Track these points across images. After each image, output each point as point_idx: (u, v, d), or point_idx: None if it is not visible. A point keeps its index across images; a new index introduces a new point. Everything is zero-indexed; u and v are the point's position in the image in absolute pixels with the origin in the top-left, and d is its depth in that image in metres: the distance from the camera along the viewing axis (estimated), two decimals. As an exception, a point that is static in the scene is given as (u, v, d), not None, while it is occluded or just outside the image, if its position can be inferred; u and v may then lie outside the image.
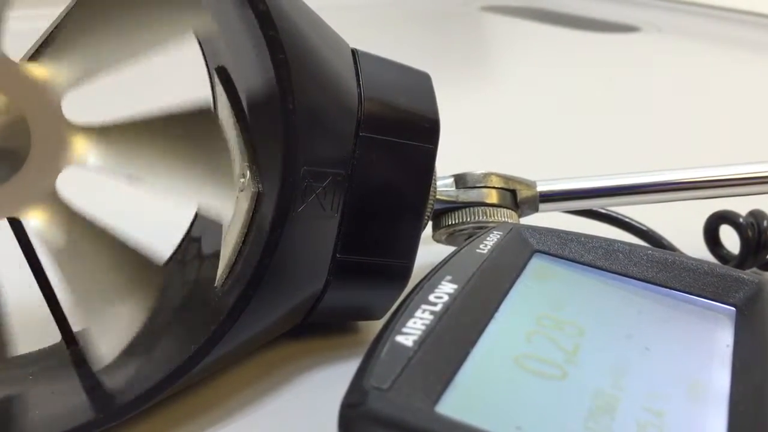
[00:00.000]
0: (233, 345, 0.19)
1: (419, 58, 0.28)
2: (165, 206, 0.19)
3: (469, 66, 0.70)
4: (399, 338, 0.14)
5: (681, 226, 0.29)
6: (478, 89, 0.60)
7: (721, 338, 0.17)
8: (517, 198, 0.26)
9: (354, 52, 0.21)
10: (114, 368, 0.19)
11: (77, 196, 0.19)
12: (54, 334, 0.20)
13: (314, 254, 0.20)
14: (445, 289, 0.16)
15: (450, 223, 0.25)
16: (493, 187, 0.25)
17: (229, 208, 0.19)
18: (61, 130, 0.17)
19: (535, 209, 0.26)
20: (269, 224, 0.18)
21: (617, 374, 0.15)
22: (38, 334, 0.20)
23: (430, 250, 0.26)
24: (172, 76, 0.31)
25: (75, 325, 0.20)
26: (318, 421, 0.19)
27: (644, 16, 0.99)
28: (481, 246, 0.19)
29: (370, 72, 0.21)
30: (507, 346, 0.16)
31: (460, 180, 0.26)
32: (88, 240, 0.18)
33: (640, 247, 0.20)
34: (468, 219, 0.25)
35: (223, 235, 0.20)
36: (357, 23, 0.76)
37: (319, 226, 0.19)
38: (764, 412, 0.14)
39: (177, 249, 0.23)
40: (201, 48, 0.22)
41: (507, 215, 0.25)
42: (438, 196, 0.25)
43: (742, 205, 0.28)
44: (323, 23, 0.20)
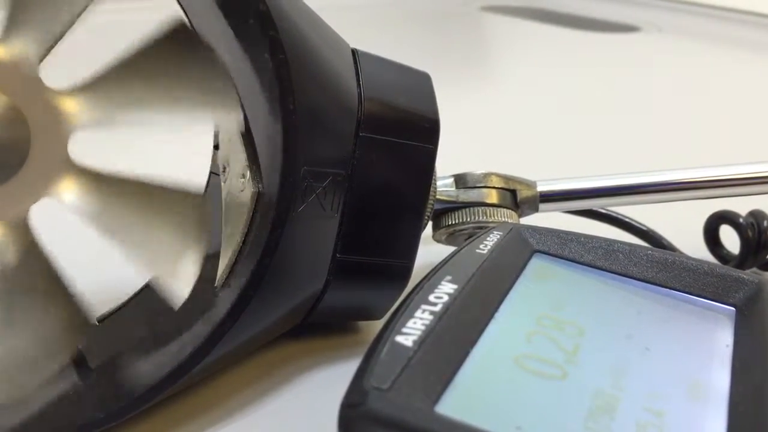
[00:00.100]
0: (233, 345, 0.19)
1: (419, 58, 0.28)
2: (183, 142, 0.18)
3: (469, 66, 0.70)
4: (399, 338, 0.14)
5: (681, 226, 0.29)
6: (478, 89, 0.60)
7: (721, 338, 0.17)
8: (517, 198, 0.26)
9: (354, 52, 0.21)
10: (114, 368, 0.19)
11: (95, 158, 0.18)
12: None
13: (314, 254, 0.20)
14: (445, 289, 0.16)
15: (450, 223, 0.25)
16: (493, 187, 0.25)
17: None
18: (49, 100, 0.16)
19: (535, 209, 0.26)
20: (269, 224, 0.18)
21: (617, 374, 0.15)
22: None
23: (430, 250, 0.26)
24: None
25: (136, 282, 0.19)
26: (318, 421, 0.19)
27: (644, 16, 0.99)
28: (481, 246, 0.19)
29: (370, 72, 0.21)
30: (507, 346, 0.16)
31: (460, 180, 0.26)
32: (123, 196, 0.17)
33: (640, 247, 0.20)
34: (468, 219, 0.25)
35: (223, 235, 0.20)
36: (357, 23, 0.76)
37: (319, 226, 0.19)
38: (764, 412, 0.14)
39: (205, 192, 0.23)
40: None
41: (507, 215, 0.25)
42: (438, 196, 0.25)
43: (742, 205, 0.28)
44: (323, 23, 0.20)
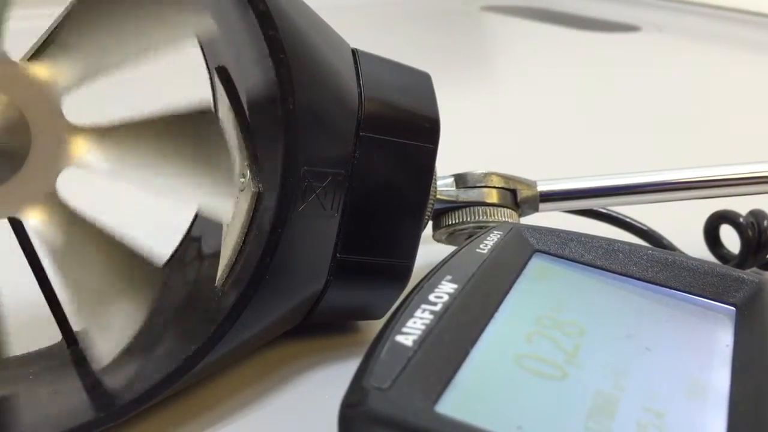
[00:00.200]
0: (233, 345, 0.19)
1: (419, 57, 0.28)
2: (165, 207, 0.19)
3: (470, 66, 0.70)
4: (399, 338, 0.14)
5: (681, 225, 0.29)
6: (478, 89, 0.60)
7: (721, 338, 0.17)
8: (518, 198, 0.26)
9: (354, 51, 0.21)
10: (114, 368, 0.19)
11: (77, 196, 0.19)
12: (54, 333, 0.20)
13: (315, 254, 0.20)
14: (445, 288, 0.16)
15: (450, 222, 0.25)
16: (494, 187, 0.25)
17: (229, 208, 0.19)
18: (61, 131, 0.17)
19: (536, 209, 0.26)
20: (269, 224, 0.18)
21: (617, 374, 0.15)
22: (39, 334, 0.20)
23: (431, 249, 0.26)
24: (173, 76, 0.31)
25: (75, 324, 0.20)
26: (318, 420, 0.19)
27: (645, 15, 0.99)
28: (481, 246, 0.19)
29: (371, 72, 0.21)
30: (507, 346, 0.16)
31: (461, 180, 0.26)
32: (86, 240, 0.18)
33: (641, 246, 0.20)
34: (468, 219, 0.25)
35: (223, 235, 0.20)
36: (357, 23, 0.76)
37: (320, 225, 0.19)
38: (764, 412, 0.14)
39: (177, 249, 0.23)
40: (201, 48, 0.22)
41: (507, 215, 0.25)
42: (438, 196, 0.25)
43: (742, 205, 0.28)
44: (323, 23, 0.20)
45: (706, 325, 0.17)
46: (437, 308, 0.15)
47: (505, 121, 0.51)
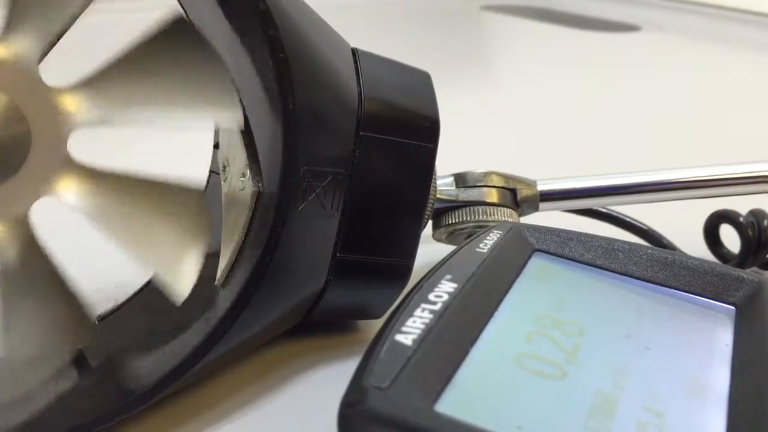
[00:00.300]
0: (233, 344, 0.19)
1: (419, 57, 0.28)
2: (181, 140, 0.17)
3: (470, 65, 0.70)
4: (398, 337, 0.14)
5: (681, 225, 0.29)
6: (478, 88, 0.60)
7: (721, 337, 0.17)
8: (518, 197, 0.26)
9: (354, 51, 0.21)
10: (114, 367, 0.19)
11: (95, 156, 0.18)
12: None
13: (314, 253, 0.20)
14: (445, 288, 0.16)
15: (450, 222, 0.25)
16: (494, 186, 0.25)
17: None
18: (49, 98, 0.16)
19: (536, 208, 0.26)
20: (269, 223, 0.18)
21: (617, 374, 0.15)
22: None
23: (430, 249, 0.26)
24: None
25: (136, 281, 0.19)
26: (318, 419, 0.19)
27: (645, 15, 0.99)
28: (481, 245, 0.19)
29: (371, 71, 0.21)
30: (507, 346, 0.16)
31: (461, 179, 0.26)
32: (122, 194, 0.17)
33: (640, 246, 0.20)
34: (468, 218, 0.25)
35: (223, 234, 0.20)
36: (357, 22, 0.76)
37: (320, 225, 0.19)
38: (764, 411, 0.14)
39: (204, 189, 0.23)
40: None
41: (507, 214, 0.25)
42: (438, 195, 0.25)
43: (742, 205, 0.28)
44: (323, 22, 0.20)
45: (705, 325, 0.17)
46: (437, 307, 0.16)
47: (505, 120, 0.51)
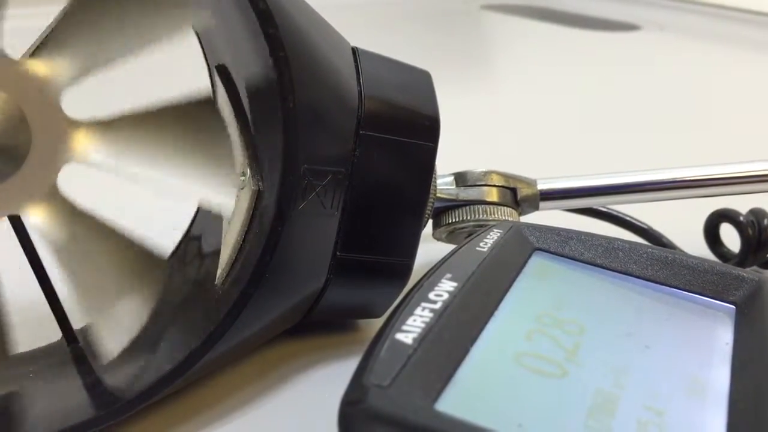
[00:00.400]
0: (233, 343, 0.19)
1: (419, 56, 0.28)
2: (167, 202, 0.19)
3: (470, 64, 0.70)
4: (399, 336, 0.14)
5: (681, 224, 0.29)
6: (478, 87, 0.60)
7: (721, 336, 0.17)
8: (518, 196, 0.26)
9: (354, 50, 0.21)
10: (115, 366, 0.19)
11: (78, 192, 0.19)
12: (54, 332, 0.20)
13: (314, 252, 0.20)
14: (445, 287, 0.16)
15: (450, 221, 0.25)
16: (494, 186, 0.25)
17: (230, 202, 0.19)
18: (61, 126, 0.17)
19: (536, 207, 0.26)
20: (269, 222, 0.18)
21: (617, 373, 0.15)
22: (39, 332, 0.20)
23: (431, 248, 0.26)
24: (172, 68, 0.31)
25: (75, 322, 0.20)
26: (318, 418, 0.19)
27: (645, 14, 0.99)
28: (481, 244, 0.19)
29: (371, 70, 0.21)
30: (507, 344, 0.16)
31: (461, 178, 0.26)
32: (90, 236, 0.18)
33: (640, 245, 0.20)
34: (468, 217, 0.25)
35: (223, 233, 0.20)
36: (357, 22, 0.75)
37: (320, 224, 0.19)
38: (764, 410, 0.14)
39: (177, 248, 0.23)
40: (201, 46, 0.22)
41: (507, 213, 0.25)
42: (438, 195, 0.25)
43: (742, 204, 0.28)
44: (324, 21, 0.20)
45: (706, 324, 0.17)
46: (437, 306, 0.16)
47: (505, 119, 0.51)
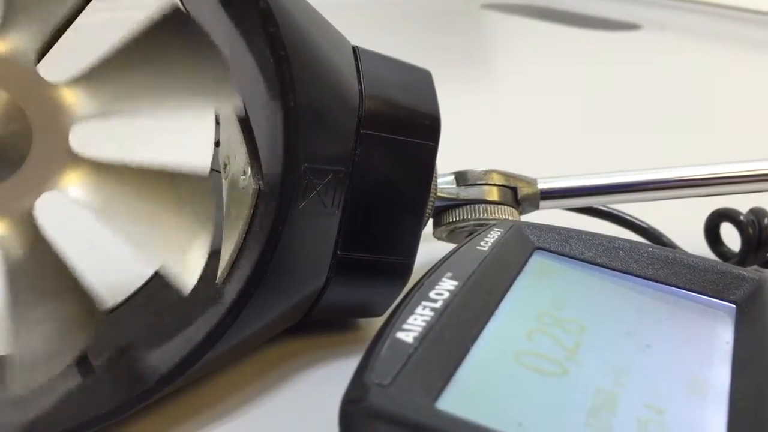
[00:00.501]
0: (234, 342, 0.19)
1: (420, 55, 0.28)
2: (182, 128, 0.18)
3: (470, 63, 0.70)
4: (400, 335, 0.14)
5: (681, 223, 0.29)
6: (478, 87, 0.60)
7: (722, 335, 0.17)
8: (518, 195, 0.26)
9: (355, 49, 0.21)
10: (115, 365, 0.19)
11: (97, 149, 0.17)
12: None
13: (315, 251, 0.20)
14: (446, 286, 0.16)
15: (451, 220, 0.25)
16: (494, 185, 0.25)
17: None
18: (47, 93, 0.16)
19: (536, 206, 0.26)
20: (270, 221, 0.18)
21: (618, 371, 0.15)
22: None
23: (431, 247, 0.26)
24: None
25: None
26: (319, 417, 0.19)
27: (645, 13, 0.99)
28: (481, 243, 0.19)
29: (371, 69, 0.21)
30: (508, 343, 0.16)
31: (461, 177, 0.26)
32: (128, 186, 0.17)
33: (641, 244, 0.20)
34: (469, 216, 0.25)
35: (224, 232, 0.20)
36: (358, 21, 0.75)
37: (320, 223, 0.19)
38: (764, 409, 0.14)
39: (210, 174, 0.23)
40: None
41: (508, 212, 0.25)
42: (439, 194, 0.25)
43: (743, 203, 0.28)
44: (324, 20, 0.20)
45: (706, 323, 0.17)
46: (438, 305, 0.16)
47: (505, 118, 0.51)
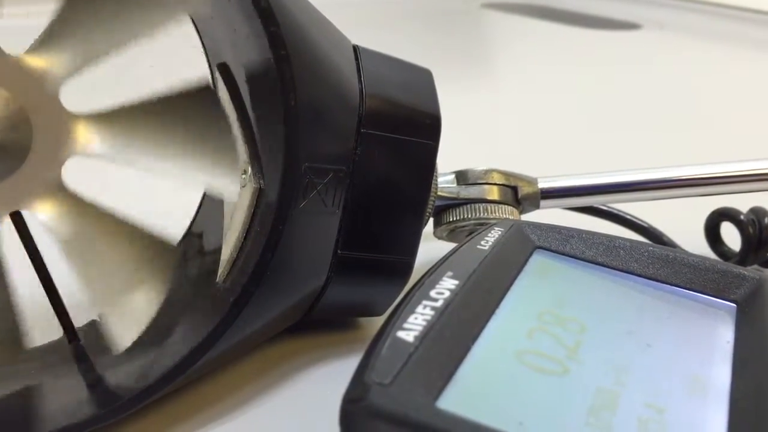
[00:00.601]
0: (234, 341, 0.19)
1: (420, 54, 0.28)
2: (172, 191, 0.19)
3: (470, 63, 0.70)
4: (400, 334, 0.14)
5: (682, 223, 0.29)
6: (479, 86, 0.60)
7: (722, 334, 0.17)
8: (519, 195, 0.26)
9: (355, 48, 0.21)
10: (116, 364, 0.19)
11: (83, 185, 0.18)
12: (54, 330, 0.20)
13: (315, 250, 0.20)
14: (447, 285, 0.16)
15: (451, 219, 0.25)
16: (495, 184, 0.25)
17: (233, 190, 0.18)
18: (62, 120, 0.17)
19: (537, 206, 0.26)
20: (270, 221, 0.18)
21: (618, 371, 0.15)
22: (38, 331, 0.20)
23: (431, 247, 0.26)
24: (171, 59, 0.30)
25: (80, 320, 0.20)
26: (319, 416, 0.19)
27: (646, 13, 0.99)
28: (482, 242, 0.19)
29: (372, 68, 0.21)
30: (508, 342, 0.16)
31: (462, 176, 0.26)
32: (97, 228, 0.18)
33: (641, 243, 0.20)
34: (469, 215, 0.25)
35: (225, 231, 0.20)
36: (358, 20, 0.75)
37: (321, 222, 0.19)
38: (765, 408, 0.14)
39: (179, 245, 0.23)
40: (199, 35, 0.21)
41: (508, 212, 0.25)
42: (439, 193, 0.25)
43: (743, 202, 0.28)
44: (325, 20, 0.20)
45: (706, 322, 0.17)
46: (438, 304, 0.16)
47: (505, 118, 0.51)
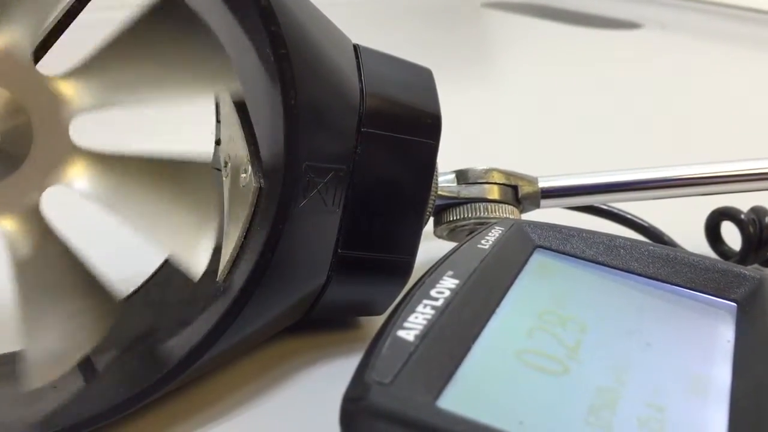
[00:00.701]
0: (234, 340, 0.19)
1: (421, 54, 0.28)
2: (138, 243, 0.18)
3: (471, 62, 0.70)
4: (400, 333, 0.14)
5: (682, 222, 0.29)
6: (479, 85, 0.60)
7: (723, 334, 0.17)
8: (519, 194, 0.26)
9: (356, 47, 0.21)
10: (116, 364, 0.19)
11: (56, 212, 0.18)
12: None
13: (316, 249, 0.20)
14: (447, 284, 0.16)
15: (451, 218, 0.25)
16: (495, 183, 0.25)
17: (197, 264, 0.18)
18: (63, 149, 0.17)
19: (537, 205, 0.26)
20: (271, 220, 0.18)
21: (618, 370, 0.15)
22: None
23: (432, 246, 0.26)
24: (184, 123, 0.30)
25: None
26: (320, 415, 0.19)
27: (647, 12, 0.99)
28: (482, 242, 0.19)
29: (372, 68, 0.21)
30: (509, 342, 0.16)
31: (462, 176, 0.26)
32: (53, 259, 0.17)
33: (642, 242, 0.20)
34: (469, 215, 0.25)
35: (225, 230, 0.20)
36: (358, 19, 0.75)
37: (321, 221, 0.19)
38: (765, 408, 0.14)
39: (137, 290, 0.23)
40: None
41: (508, 211, 0.25)
42: (439, 192, 0.25)
43: (743, 202, 0.28)
44: (325, 19, 0.20)
45: (707, 321, 0.17)
46: (439, 303, 0.16)
47: (506, 117, 0.51)
